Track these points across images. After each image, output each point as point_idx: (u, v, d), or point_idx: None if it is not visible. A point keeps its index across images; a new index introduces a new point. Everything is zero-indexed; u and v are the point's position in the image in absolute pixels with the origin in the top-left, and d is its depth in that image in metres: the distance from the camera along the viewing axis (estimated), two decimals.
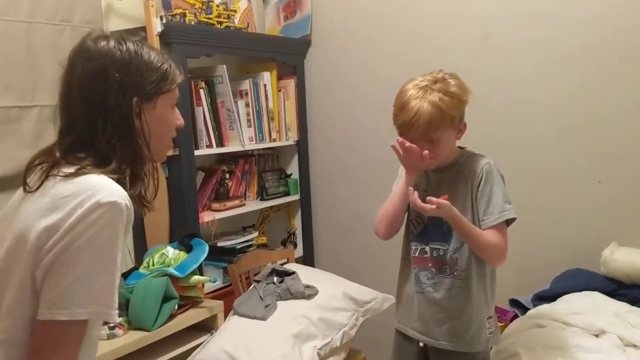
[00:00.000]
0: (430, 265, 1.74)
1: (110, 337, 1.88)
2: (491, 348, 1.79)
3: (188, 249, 2.24)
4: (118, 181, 1.11)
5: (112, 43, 1.16)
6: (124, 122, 1.15)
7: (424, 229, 1.76)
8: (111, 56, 1.14)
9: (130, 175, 1.16)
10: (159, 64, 1.20)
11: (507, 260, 1.66)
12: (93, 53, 1.15)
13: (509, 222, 1.66)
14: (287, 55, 2.97)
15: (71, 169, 1.10)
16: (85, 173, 1.09)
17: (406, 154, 1.65)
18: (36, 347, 1.04)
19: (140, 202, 1.19)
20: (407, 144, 1.62)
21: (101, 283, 1.04)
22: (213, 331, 2.13)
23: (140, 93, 1.16)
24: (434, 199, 1.57)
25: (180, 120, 1.30)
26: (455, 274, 1.70)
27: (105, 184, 1.08)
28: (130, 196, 1.11)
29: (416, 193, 1.63)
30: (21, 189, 1.19)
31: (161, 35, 2.32)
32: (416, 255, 1.78)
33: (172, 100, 1.26)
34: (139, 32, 2.28)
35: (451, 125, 1.64)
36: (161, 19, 2.36)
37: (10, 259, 1.09)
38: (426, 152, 1.61)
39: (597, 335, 1.82)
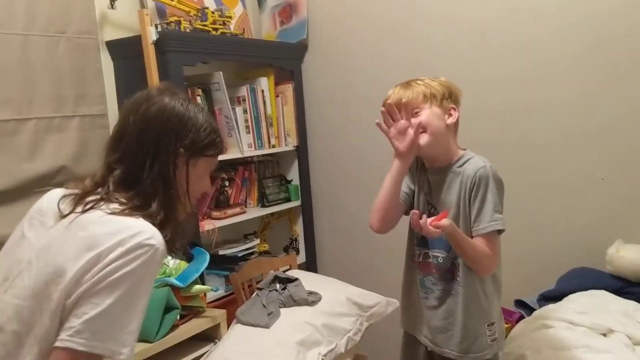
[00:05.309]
0: (433, 270, 1.73)
1: None
2: (495, 354, 1.74)
3: (189, 258, 2.22)
4: (152, 225, 1.16)
5: (175, 98, 1.27)
6: (168, 167, 1.23)
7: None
8: (172, 106, 1.26)
9: (162, 219, 1.21)
10: (211, 131, 1.30)
11: (511, 260, 1.65)
12: (157, 100, 1.26)
13: (501, 231, 1.62)
14: (284, 60, 2.96)
15: (117, 206, 1.17)
16: (126, 214, 1.15)
17: (394, 129, 1.64)
18: None
19: (168, 247, 1.23)
20: (398, 116, 1.63)
21: (125, 321, 1.08)
22: (216, 340, 2.12)
23: (189, 147, 1.26)
24: (435, 223, 1.52)
25: (210, 189, 1.41)
26: (457, 279, 1.68)
27: (146, 228, 1.13)
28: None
29: (425, 217, 1.54)
30: (37, 205, 1.25)
31: (156, 43, 2.31)
32: (420, 260, 1.76)
33: (211, 166, 1.35)
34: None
35: (435, 100, 1.64)
36: (156, 27, 2.35)
37: (43, 291, 1.10)
38: (407, 122, 1.62)
39: (605, 335, 1.80)
